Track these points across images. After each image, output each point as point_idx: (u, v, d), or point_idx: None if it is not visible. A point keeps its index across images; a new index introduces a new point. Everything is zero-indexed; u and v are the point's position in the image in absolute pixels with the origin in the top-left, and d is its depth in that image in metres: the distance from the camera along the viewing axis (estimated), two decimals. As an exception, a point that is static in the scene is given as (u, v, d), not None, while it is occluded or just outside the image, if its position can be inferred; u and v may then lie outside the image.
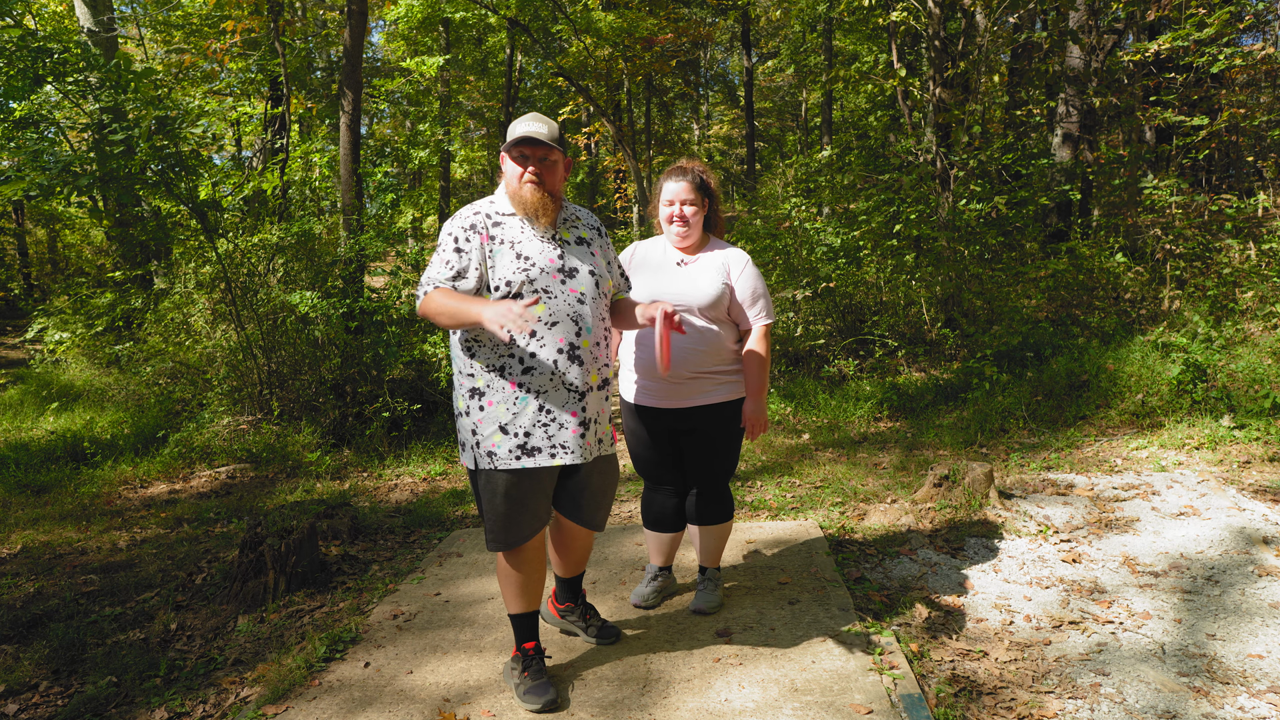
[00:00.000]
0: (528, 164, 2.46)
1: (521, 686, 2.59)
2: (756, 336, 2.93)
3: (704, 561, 3.21)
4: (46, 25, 13.57)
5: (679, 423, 2.95)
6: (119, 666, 3.02)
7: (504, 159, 2.52)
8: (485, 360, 2.46)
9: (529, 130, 2.43)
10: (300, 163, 9.80)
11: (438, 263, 2.47)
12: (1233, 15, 8.41)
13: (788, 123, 30.11)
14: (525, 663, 2.63)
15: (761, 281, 2.96)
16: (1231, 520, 3.85)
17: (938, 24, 8.39)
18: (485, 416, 2.46)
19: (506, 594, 2.64)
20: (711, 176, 3.03)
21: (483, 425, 2.47)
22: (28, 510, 5.17)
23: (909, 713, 2.48)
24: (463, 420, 2.52)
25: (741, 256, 2.97)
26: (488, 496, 2.51)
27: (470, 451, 2.51)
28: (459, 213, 2.53)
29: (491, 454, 2.46)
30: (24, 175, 5.91)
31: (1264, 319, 6.70)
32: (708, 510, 3.08)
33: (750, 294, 2.92)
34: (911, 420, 6.38)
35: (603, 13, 16.47)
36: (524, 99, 23.93)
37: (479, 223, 2.47)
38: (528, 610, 2.64)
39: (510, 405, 2.45)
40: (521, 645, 2.66)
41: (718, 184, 3.06)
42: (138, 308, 8.59)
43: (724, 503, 3.10)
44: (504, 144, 2.49)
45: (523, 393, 2.45)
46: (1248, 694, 2.57)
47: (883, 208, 8.81)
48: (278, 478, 5.74)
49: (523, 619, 2.65)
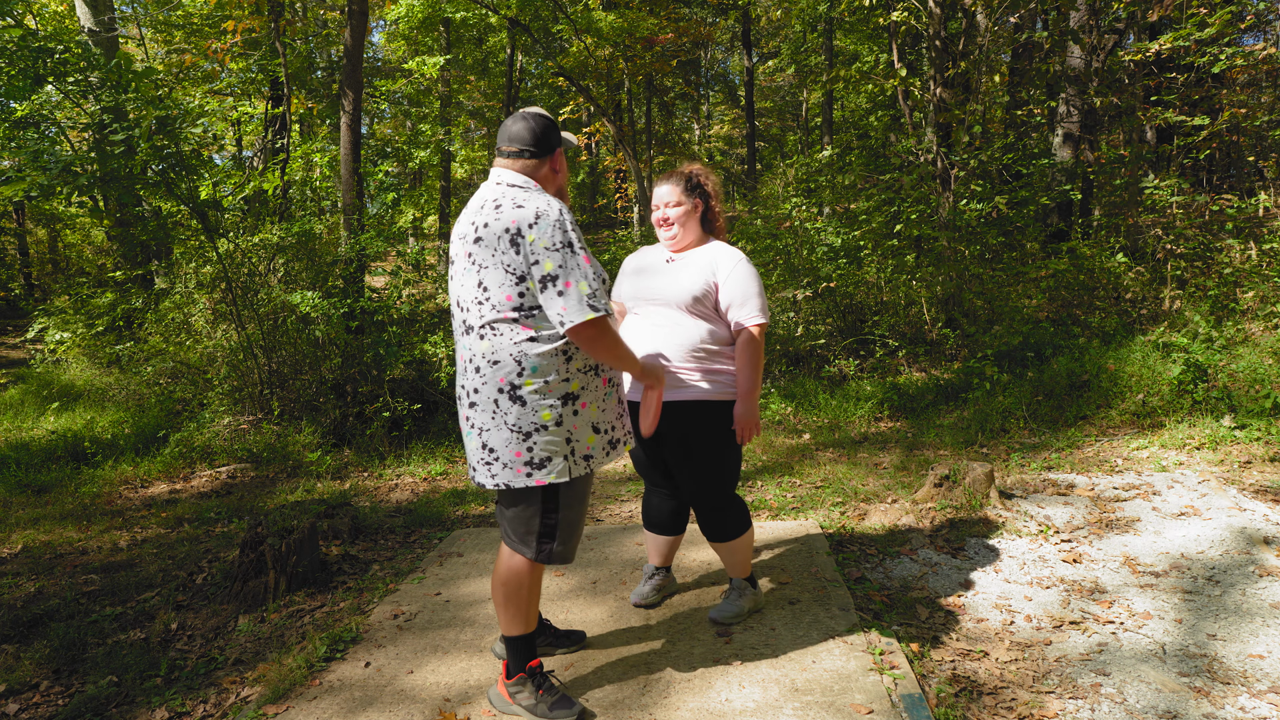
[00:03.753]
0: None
1: (542, 705, 2.46)
2: (746, 336, 2.82)
3: (729, 572, 3.14)
4: (47, 25, 13.58)
5: (665, 423, 2.83)
6: (120, 666, 3.03)
7: (560, 157, 2.46)
8: (582, 360, 2.35)
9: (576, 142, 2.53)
10: (301, 162, 9.80)
11: (589, 271, 2.22)
12: (1234, 15, 8.41)
13: (788, 123, 30.11)
14: (538, 680, 2.50)
15: (753, 281, 2.84)
16: (1232, 520, 3.85)
17: (938, 24, 8.38)
18: (580, 420, 2.35)
19: (519, 612, 2.45)
20: (708, 177, 2.99)
21: (579, 430, 2.35)
22: (28, 510, 5.17)
23: (910, 713, 2.48)
24: (546, 433, 2.29)
25: (732, 255, 2.87)
26: (573, 506, 2.41)
27: (561, 463, 2.31)
28: (549, 207, 2.24)
29: (589, 457, 2.38)
30: (25, 175, 5.92)
31: (1265, 319, 6.69)
32: (706, 525, 2.96)
33: (739, 293, 2.81)
34: (912, 420, 6.38)
35: (603, 12, 16.48)
36: (524, 99, 23.93)
37: (573, 219, 2.31)
38: (531, 630, 2.51)
39: (600, 403, 2.40)
40: (527, 665, 2.50)
41: (716, 184, 3.01)
42: (138, 307, 8.60)
43: (724, 515, 2.93)
44: (561, 143, 2.45)
45: (609, 387, 2.42)
46: (1248, 694, 2.57)
47: (883, 207, 8.81)
48: (278, 477, 5.74)
49: (528, 639, 2.51)
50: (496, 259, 2.25)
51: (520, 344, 2.27)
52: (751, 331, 2.82)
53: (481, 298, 2.29)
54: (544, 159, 2.41)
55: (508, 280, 2.24)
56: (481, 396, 2.32)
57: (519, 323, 2.26)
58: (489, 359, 2.29)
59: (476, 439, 2.35)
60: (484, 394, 2.31)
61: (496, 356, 2.28)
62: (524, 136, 2.38)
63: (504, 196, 2.30)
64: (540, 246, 2.20)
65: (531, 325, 2.27)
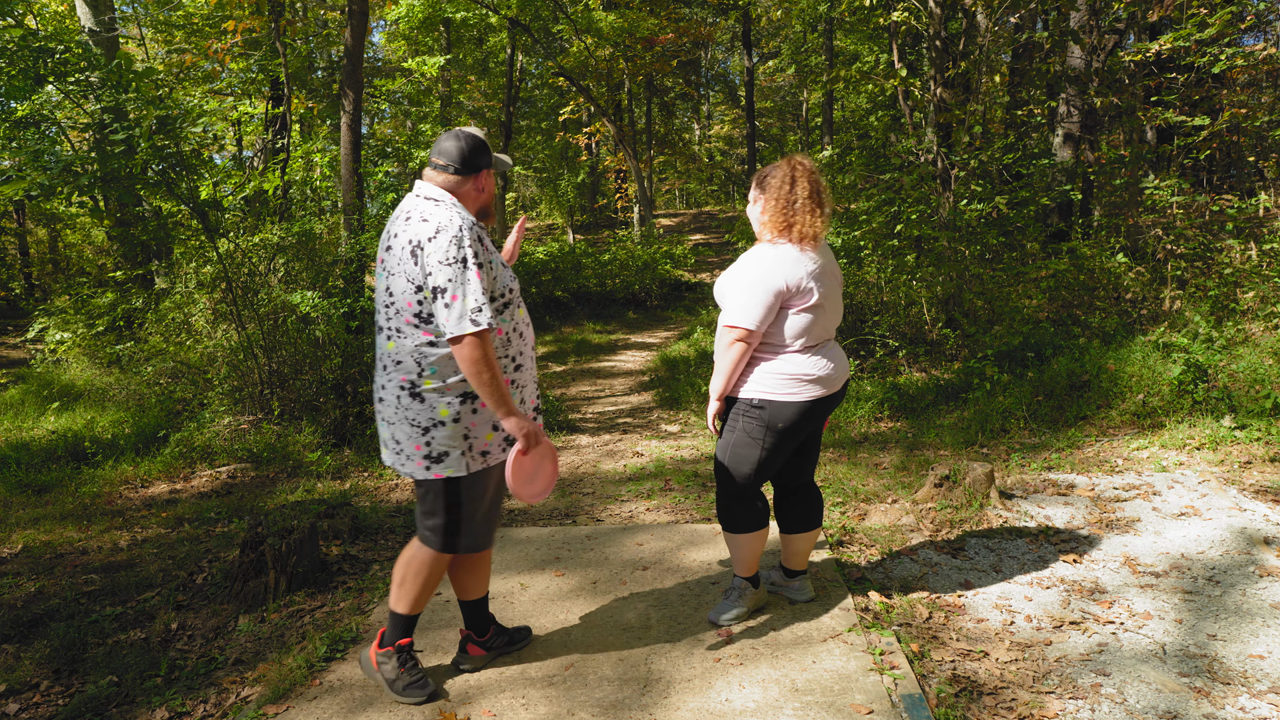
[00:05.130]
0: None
1: (400, 681, 2.64)
2: (719, 333, 2.85)
3: (733, 569, 3.19)
4: (48, 25, 13.58)
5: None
6: (120, 666, 3.03)
7: (487, 176, 2.60)
8: None
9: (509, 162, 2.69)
10: (301, 162, 9.82)
11: (477, 287, 2.34)
12: (1234, 15, 8.41)
13: (789, 123, 30.12)
14: (403, 658, 2.67)
15: (740, 280, 2.80)
16: (1232, 520, 3.85)
17: (939, 24, 8.38)
18: (479, 418, 2.50)
19: (412, 593, 2.62)
20: (774, 173, 2.87)
21: (477, 427, 2.50)
22: (29, 510, 5.17)
23: (910, 713, 2.48)
24: (444, 429, 2.45)
25: (750, 253, 2.85)
26: (473, 498, 2.56)
27: (458, 459, 2.48)
28: (450, 223, 2.37)
29: (485, 453, 2.54)
30: (25, 175, 5.92)
31: (1265, 319, 6.69)
32: (717, 510, 3.09)
33: (725, 291, 2.85)
34: (912, 420, 6.38)
35: (604, 13, 16.47)
36: (525, 99, 23.94)
37: (480, 234, 2.45)
38: (417, 612, 2.68)
39: None
40: (398, 642, 2.67)
41: (782, 178, 2.84)
42: (139, 307, 8.61)
43: (730, 505, 3.00)
44: (489, 165, 2.60)
45: (513, 389, 2.57)
46: (1249, 694, 2.57)
47: (884, 208, 8.80)
48: (278, 477, 5.74)
49: (410, 619, 2.68)
50: (401, 268, 2.41)
51: (421, 347, 2.43)
52: (721, 330, 2.83)
53: (388, 301, 2.46)
54: (468, 177, 2.54)
55: (409, 288, 2.40)
56: (387, 393, 2.50)
57: (419, 328, 2.42)
58: (394, 359, 2.47)
59: (386, 430, 2.54)
60: (389, 390, 2.49)
61: (399, 357, 2.45)
62: (452, 153, 2.52)
63: (415, 210, 2.45)
64: (434, 260, 2.34)
65: (431, 330, 2.42)
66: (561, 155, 23.19)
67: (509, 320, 2.54)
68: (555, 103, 22.48)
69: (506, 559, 3.81)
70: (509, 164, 2.71)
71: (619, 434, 6.88)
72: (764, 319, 2.77)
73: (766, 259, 2.79)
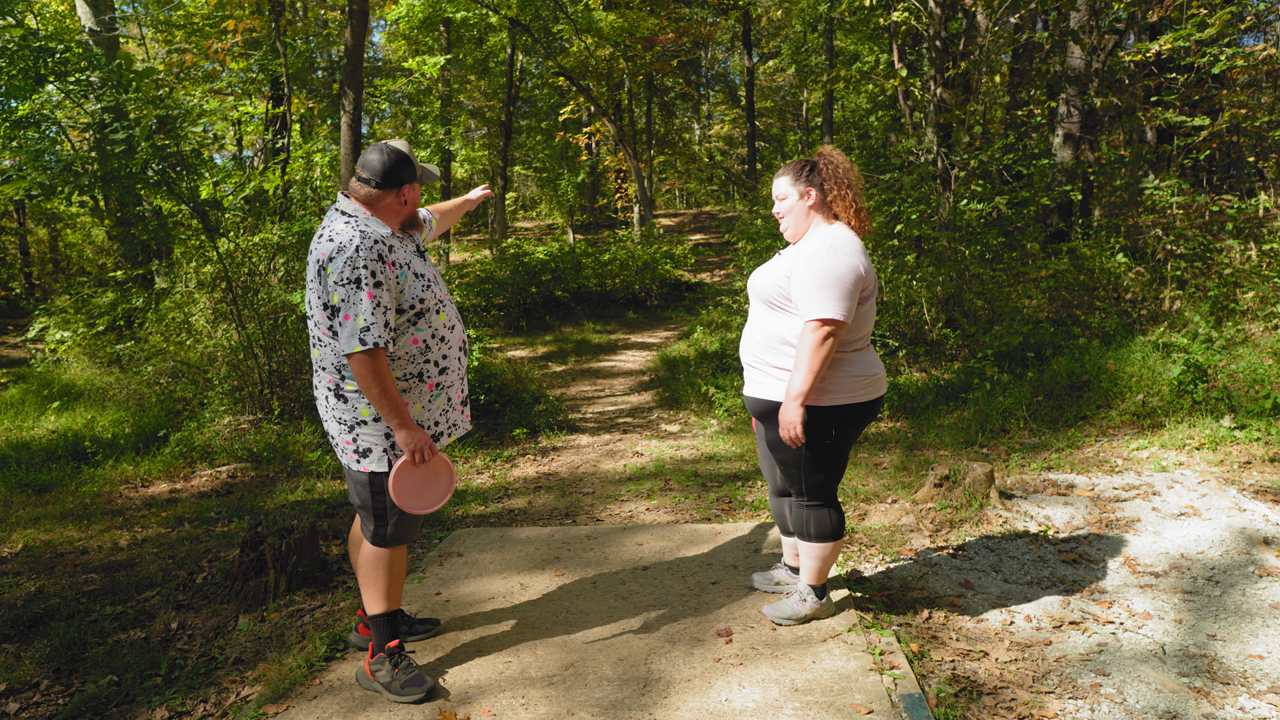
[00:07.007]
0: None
1: (397, 681, 2.65)
2: (803, 332, 2.63)
3: (801, 575, 3.06)
4: (48, 25, 13.58)
5: (754, 413, 2.92)
6: (120, 665, 3.03)
7: (410, 189, 2.61)
8: (403, 370, 2.59)
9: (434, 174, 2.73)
10: (301, 162, 9.80)
11: (368, 307, 2.41)
12: (1234, 15, 8.41)
13: (789, 122, 30.10)
14: (396, 659, 2.69)
15: (823, 273, 2.60)
16: (1232, 521, 3.85)
17: (939, 24, 8.38)
18: None
19: (378, 592, 2.69)
20: (829, 160, 2.77)
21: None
22: (29, 509, 5.17)
23: (909, 713, 2.48)
24: (367, 427, 2.56)
25: (816, 243, 2.68)
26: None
27: (380, 455, 2.58)
28: (349, 243, 2.43)
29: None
30: (25, 175, 5.92)
31: (1265, 319, 6.69)
32: (792, 517, 2.97)
33: (804, 285, 2.63)
34: (912, 420, 6.38)
35: (604, 12, 16.48)
36: (525, 99, 23.94)
37: (382, 251, 2.47)
38: (395, 608, 2.74)
39: (426, 403, 2.65)
40: (387, 645, 2.70)
41: (838, 166, 2.76)
42: (139, 307, 8.60)
43: (808, 514, 2.89)
44: (413, 178, 2.61)
45: (438, 390, 2.67)
46: (1248, 694, 2.57)
47: (884, 208, 8.80)
48: (278, 477, 5.74)
49: (391, 617, 2.73)
50: (313, 284, 2.52)
51: (339, 354, 2.53)
52: (809, 327, 2.62)
53: (311, 312, 2.58)
54: (388, 191, 2.57)
55: (319, 303, 2.51)
56: (319, 393, 2.65)
57: (335, 338, 2.52)
58: (320, 364, 2.61)
59: (325, 426, 2.69)
60: (320, 391, 2.65)
61: (324, 363, 2.59)
62: (375, 167, 2.55)
63: (328, 226, 2.52)
64: (332, 280, 2.44)
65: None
66: (561, 155, 23.19)
67: (425, 328, 2.59)
68: (555, 102, 22.48)
69: (506, 558, 3.81)
70: (436, 175, 2.73)
71: (619, 434, 6.89)
72: (853, 309, 2.63)
73: (844, 245, 2.64)
